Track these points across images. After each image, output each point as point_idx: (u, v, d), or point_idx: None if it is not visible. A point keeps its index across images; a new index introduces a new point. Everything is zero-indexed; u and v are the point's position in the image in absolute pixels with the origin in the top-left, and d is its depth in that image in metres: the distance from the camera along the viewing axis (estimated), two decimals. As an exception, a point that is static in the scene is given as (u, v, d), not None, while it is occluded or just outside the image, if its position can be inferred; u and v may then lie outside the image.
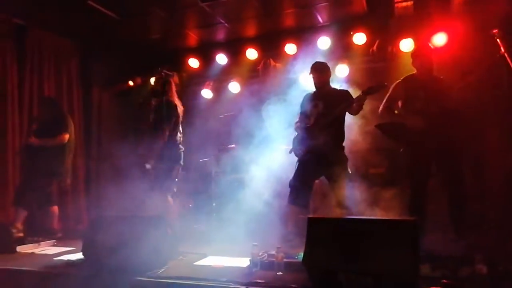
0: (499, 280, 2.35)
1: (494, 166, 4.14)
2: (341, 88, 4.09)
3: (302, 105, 4.03)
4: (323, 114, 3.77)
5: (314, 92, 3.98)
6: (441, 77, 3.68)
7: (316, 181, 3.97)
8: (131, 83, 6.25)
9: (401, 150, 3.61)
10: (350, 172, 3.79)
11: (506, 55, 2.58)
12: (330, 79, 3.98)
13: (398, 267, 2.21)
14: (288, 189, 3.79)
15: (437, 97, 3.42)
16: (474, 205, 3.68)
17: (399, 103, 3.69)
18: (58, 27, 5.33)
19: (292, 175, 3.81)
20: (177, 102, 4.05)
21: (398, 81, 3.71)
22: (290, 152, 4.00)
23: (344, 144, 3.86)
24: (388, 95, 3.71)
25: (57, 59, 5.59)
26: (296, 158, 3.91)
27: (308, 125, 3.88)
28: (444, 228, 3.42)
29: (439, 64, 3.91)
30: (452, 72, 4.00)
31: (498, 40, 2.70)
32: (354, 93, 3.74)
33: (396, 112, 3.69)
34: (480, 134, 4.29)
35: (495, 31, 2.78)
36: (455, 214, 3.36)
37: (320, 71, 3.89)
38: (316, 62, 3.96)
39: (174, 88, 4.11)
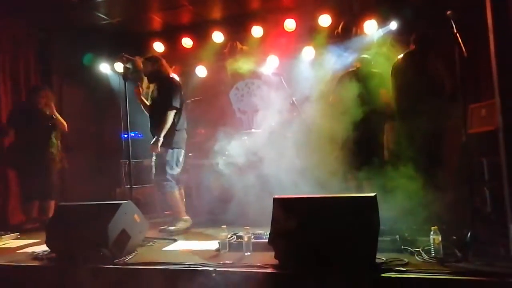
0: (452, 249, 2.49)
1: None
2: None
3: None
4: None
5: None
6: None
7: None
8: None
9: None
10: None
11: (458, 35, 2.66)
12: None
13: (357, 240, 2.30)
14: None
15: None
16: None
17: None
18: (13, 11, 5.03)
19: None
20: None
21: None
22: None
23: None
24: None
25: (13, 46, 5.28)
26: None
27: None
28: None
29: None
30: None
31: (451, 20, 2.76)
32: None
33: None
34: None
35: (449, 12, 2.83)
36: None
37: None
38: None
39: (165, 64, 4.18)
